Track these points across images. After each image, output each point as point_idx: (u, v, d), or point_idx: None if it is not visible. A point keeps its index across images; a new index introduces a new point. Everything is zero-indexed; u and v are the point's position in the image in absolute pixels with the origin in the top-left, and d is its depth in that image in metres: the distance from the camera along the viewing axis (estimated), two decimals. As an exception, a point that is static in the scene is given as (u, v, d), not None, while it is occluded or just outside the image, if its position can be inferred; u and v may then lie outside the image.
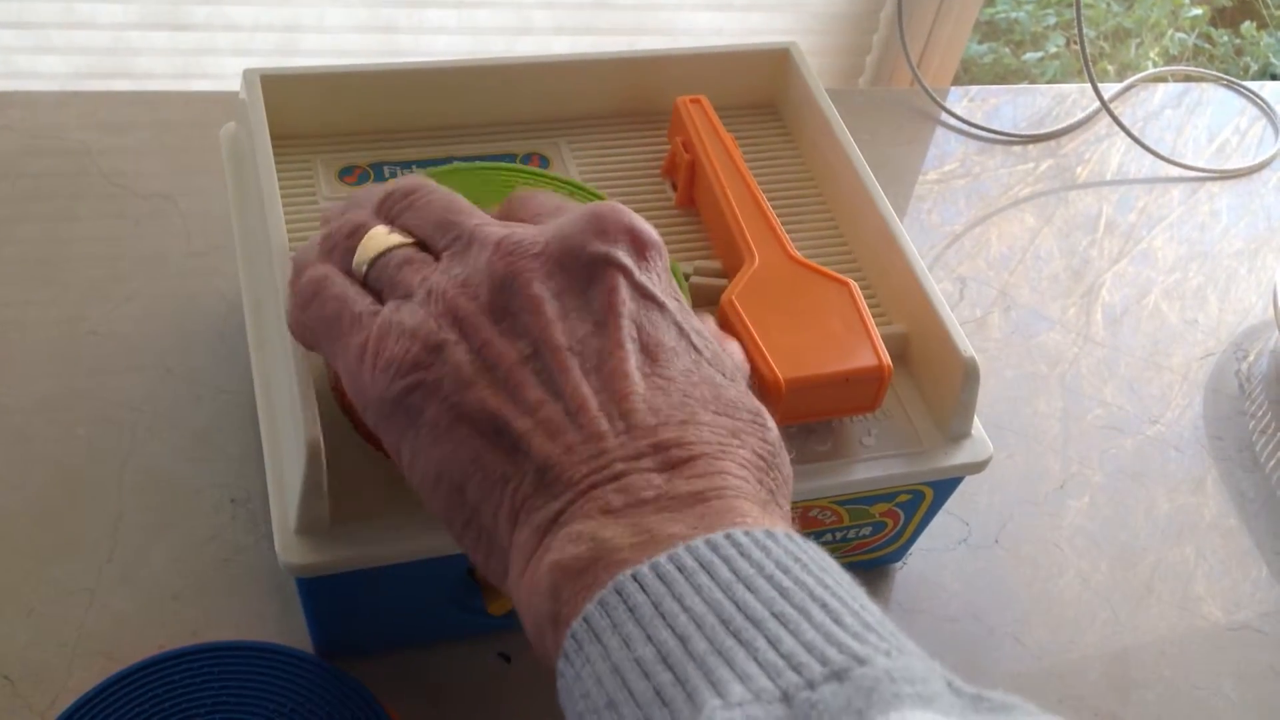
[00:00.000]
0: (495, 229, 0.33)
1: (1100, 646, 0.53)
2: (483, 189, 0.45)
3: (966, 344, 0.44)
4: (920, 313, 0.47)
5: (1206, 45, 2.07)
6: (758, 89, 0.56)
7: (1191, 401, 0.65)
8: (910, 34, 1.17)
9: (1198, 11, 2.04)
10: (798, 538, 0.28)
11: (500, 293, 0.31)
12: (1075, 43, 1.93)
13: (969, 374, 0.44)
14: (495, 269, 0.31)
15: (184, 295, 0.59)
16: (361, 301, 0.33)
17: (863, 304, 0.44)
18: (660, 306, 0.32)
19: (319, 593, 0.43)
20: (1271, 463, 0.62)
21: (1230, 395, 0.66)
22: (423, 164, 0.51)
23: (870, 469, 0.45)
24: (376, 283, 0.34)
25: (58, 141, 0.65)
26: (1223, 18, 2.12)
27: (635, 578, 0.27)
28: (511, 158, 0.52)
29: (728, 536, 0.27)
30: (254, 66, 0.50)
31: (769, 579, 0.26)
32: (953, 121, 0.79)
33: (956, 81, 1.44)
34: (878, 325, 0.44)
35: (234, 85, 0.51)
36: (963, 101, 0.81)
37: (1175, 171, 0.79)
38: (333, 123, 0.51)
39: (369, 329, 0.32)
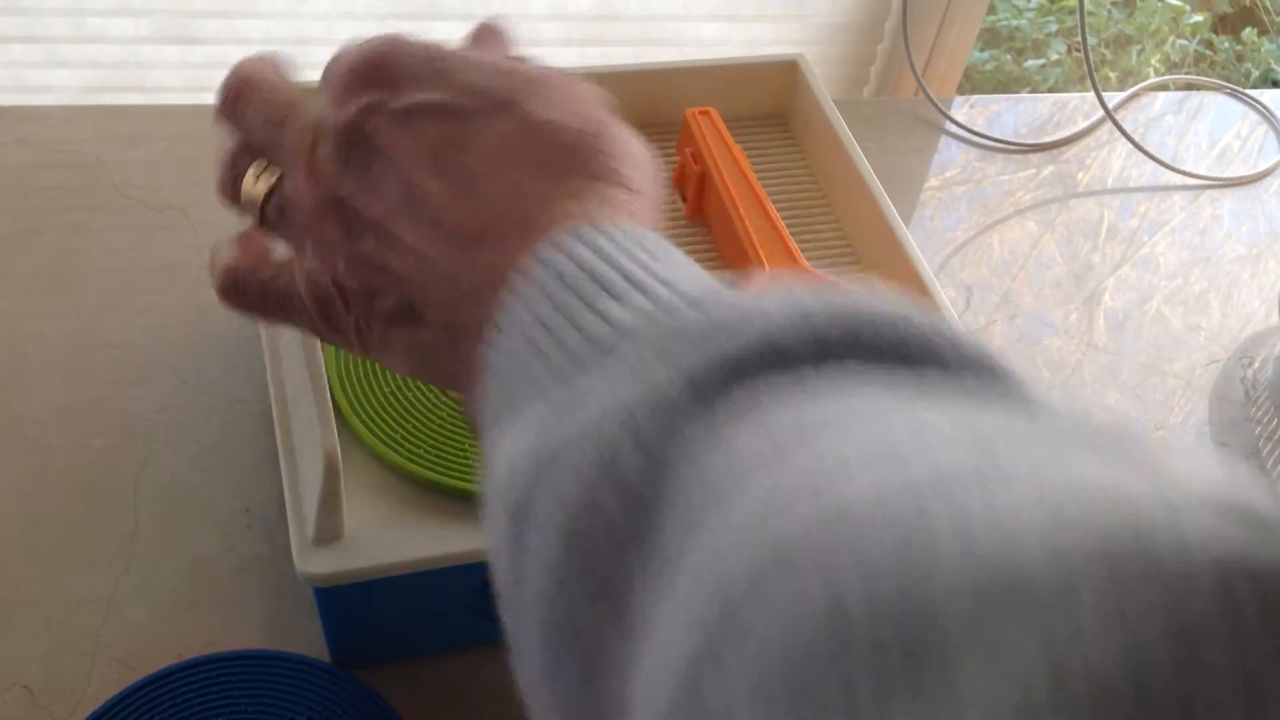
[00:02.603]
0: (298, 154, 0.33)
1: (1108, 651, 0.54)
2: None
3: (974, 352, 0.45)
4: (928, 321, 0.47)
5: (1208, 52, 2.08)
6: (766, 100, 0.57)
7: (1196, 408, 0.65)
8: (914, 44, 1.17)
9: (1199, 18, 2.04)
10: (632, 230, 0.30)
11: (333, 209, 0.33)
12: (1076, 49, 1.94)
13: (977, 382, 0.44)
14: (314, 195, 0.33)
15: (198, 307, 0.59)
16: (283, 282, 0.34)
17: (871, 313, 0.44)
18: (434, 113, 0.32)
19: (336, 602, 0.43)
20: (1279, 469, 0.63)
21: (1236, 401, 0.66)
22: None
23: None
24: (273, 218, 0.35)
25: (71, 155, 0.66)
26: (1224, 24, 2.12)
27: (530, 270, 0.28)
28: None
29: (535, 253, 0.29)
30: (268, 81, 0.50)
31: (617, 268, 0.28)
32: (956, 130, 0.79)
33: (958, 90, 1.44)
34: (886, 334, 0.44)
35: (248, 100, 0.52)
36: (964, 109, 0.81)
37: (1177, 179, 0.79)
38: (345, 136, 0.52)
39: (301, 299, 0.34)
